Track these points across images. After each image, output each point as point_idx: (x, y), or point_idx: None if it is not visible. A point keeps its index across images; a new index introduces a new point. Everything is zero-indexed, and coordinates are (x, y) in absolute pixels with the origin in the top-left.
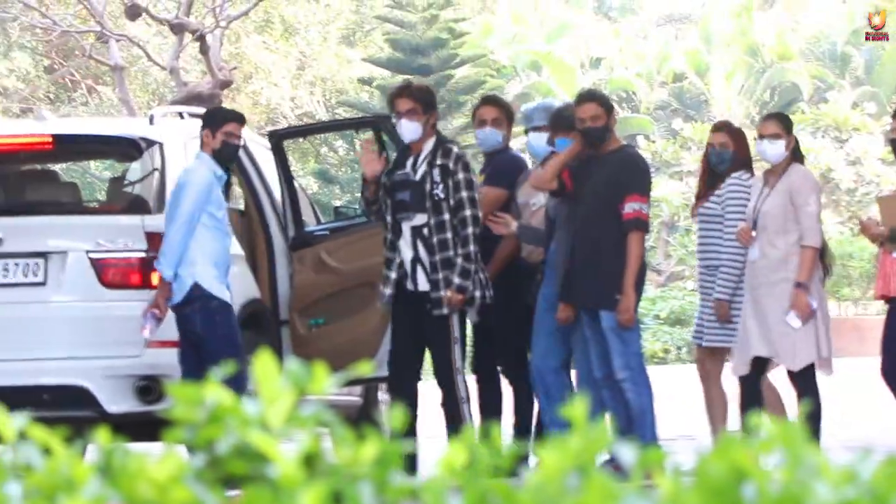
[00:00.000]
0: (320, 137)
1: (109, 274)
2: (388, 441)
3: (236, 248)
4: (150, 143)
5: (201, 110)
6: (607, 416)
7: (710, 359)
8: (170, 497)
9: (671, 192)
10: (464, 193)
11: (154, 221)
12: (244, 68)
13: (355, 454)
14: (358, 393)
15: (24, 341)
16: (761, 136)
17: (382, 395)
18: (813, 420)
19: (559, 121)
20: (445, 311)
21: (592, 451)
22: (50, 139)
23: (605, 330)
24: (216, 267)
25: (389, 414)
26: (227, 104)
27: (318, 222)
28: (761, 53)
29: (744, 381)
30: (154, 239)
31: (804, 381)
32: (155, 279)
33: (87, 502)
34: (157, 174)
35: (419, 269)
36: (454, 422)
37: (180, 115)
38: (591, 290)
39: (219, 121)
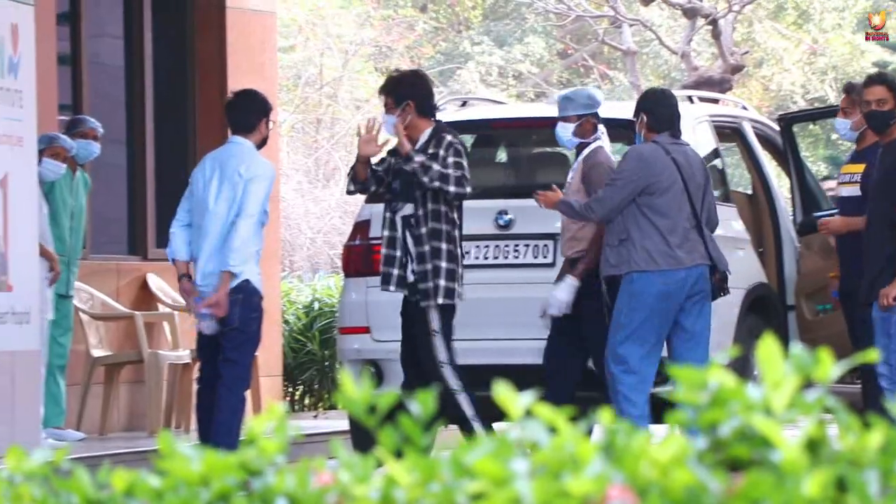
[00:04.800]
0: (831, 123)
1: None
2: (893, 429)
3: (740, 231)
4: None
5: (712, 94)
6: None
7: None
8: (672, 478)
9: None
10: (451, 170)
11: None
12: (755, 54)
13: (860, 441)
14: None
15: (533, 322)
16: None
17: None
18: None
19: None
20: (427, 303)
21: None
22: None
23: (874, 320)
24: (257, 261)
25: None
26: (737, 89)
27: (827, 207)
28: None
29: None
30: None
31: None
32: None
33: (591, 481)
34: None
35: (407, 261)
36: (460, 418)
37: (689, 98)
38: (863, 282)
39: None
